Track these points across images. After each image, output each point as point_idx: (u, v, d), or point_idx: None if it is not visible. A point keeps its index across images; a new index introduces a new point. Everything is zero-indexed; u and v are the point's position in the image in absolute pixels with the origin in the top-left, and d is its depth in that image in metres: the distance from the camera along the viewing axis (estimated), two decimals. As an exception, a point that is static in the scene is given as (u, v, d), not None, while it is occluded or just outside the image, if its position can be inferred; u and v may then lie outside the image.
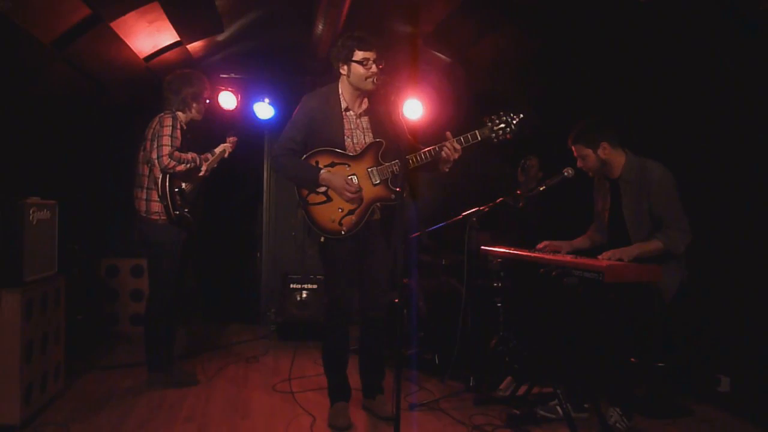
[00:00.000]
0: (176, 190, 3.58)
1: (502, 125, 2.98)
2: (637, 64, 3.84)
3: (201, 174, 3.71)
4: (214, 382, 3.91)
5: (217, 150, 3.90)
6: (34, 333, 3.15)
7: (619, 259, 3.06)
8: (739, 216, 3.49)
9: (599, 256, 3.18)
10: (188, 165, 3.57)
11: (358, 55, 3.02)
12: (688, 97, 3.70)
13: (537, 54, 4.35)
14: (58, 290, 3.47)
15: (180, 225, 3.61)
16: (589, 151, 3.31)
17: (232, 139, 4.02)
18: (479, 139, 2.99)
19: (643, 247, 3.14)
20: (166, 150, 3.46)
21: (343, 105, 3.15)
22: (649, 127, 3.91)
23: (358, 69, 3.04)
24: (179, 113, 3.70)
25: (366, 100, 3.20)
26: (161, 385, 3.68)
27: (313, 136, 3.13)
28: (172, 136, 3.50)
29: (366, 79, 3.04)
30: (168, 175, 3.52)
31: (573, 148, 3.39)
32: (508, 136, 2.99)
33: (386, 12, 4.49)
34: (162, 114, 3.60)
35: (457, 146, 2.97)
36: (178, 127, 3.58)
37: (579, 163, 3.40)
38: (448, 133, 3.00)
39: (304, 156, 3.13)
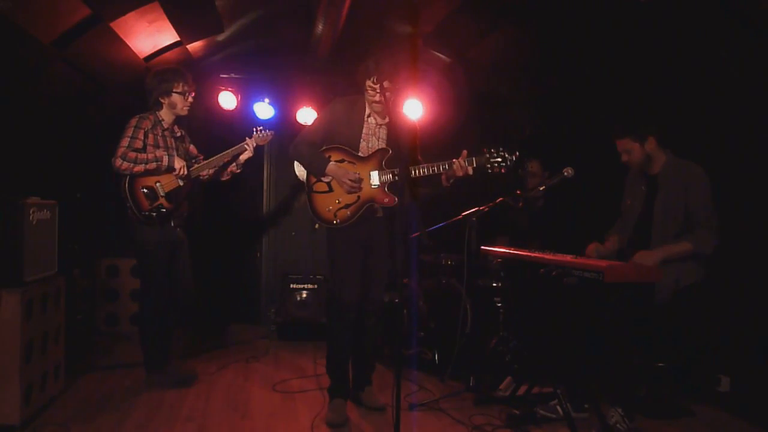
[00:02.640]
0: (144, 190, 3.56)
1: (499, 159, 3.16)
2: (637, 64, 3.84)
3: (176, 173, 3.64)
4: (214, 382, 3.91)
5: (221, 154, 3.83)
6: (34, 333, 3.15)
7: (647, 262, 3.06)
8: (739, 216, 3.48)
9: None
10: (148, 165, 3.54)
11: (368, 82, 3.25)
12: (687, 97, 3.70)
13: (537, 54, 4.35)
14: (58, 290, 3.47)
15: (150, 225, 3.59)
16: (636, 145, 3.32)
17: (268, 132, 3.89)
18: (474, 165, 3.17)
19: (671, 249, 3.13)
20: (119, 151, 3.47)
21: (367, 112, 3.37)
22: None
23: (368, 93, 3.29)
24: (159, 113, 3.70)
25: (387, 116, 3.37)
26: (161, 385, 3.68)
27: (333, 134, 3.36)
28: (131, 137, 3.52)
29: (372, 103, 3.30)
30: (127, 177, 3.52)
31: (618, 143, 3.39)
32: (502, 170, 3.17)
33: (386, 12, 4.48)
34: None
35: (469, 169, 3.16)
36: (144, 127, 3.57)
37: (624, 158, 3.40)
38: (465, 152, 3.17)
39: (321, 149, 3.36)
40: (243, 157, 3.89)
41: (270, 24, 4.86)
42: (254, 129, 3.90)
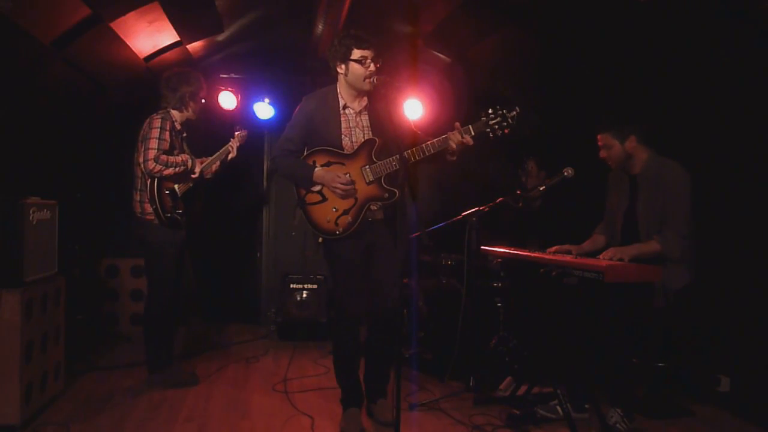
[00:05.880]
0: (167, 192, 3.59)
1: (498, 119, 2.94)
2: (637, 64, 3.84)
3: (195, 176, 3.71)
4: (214, 382, 3.91)
5: (218, 152, 3.92)
6: (34, 333, 3.15)
7: (620, 259, 3.06)
8: (739, 216, 3.49)
9: (599, 256, 3.18)
10: (177, 168, 3.57)
11: (356, 53, 3.00)
12: (688, 97, 3.70)
13: (537, 54, 4.35)
14: (58, 290, 3.47)
15: (171, 227, 3.61)
16: (616, 143, 3.32)
17: (242, 133, 4.02)
18: (473, 133, 2.95)
19: (642, 247, 3.14)
20: (152, 154, 3.46)
21: (342, 103, 3.12)
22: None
23: (356, 68, 3.02)
24: (174, 112, 3.70)
25: (365, 98, 3.17)
26: (161, 385, 3.69)
27: (312, 136, 3.14)
28: (159, 139, 3.50)
29: (364, 79, 3.01)
30: (156, 179, 3.52)
31: (599, 137, 3.38)
32: (505, 131, 2.95)
33: (386, 12, 4.49)
34: (152, 115, 3.60)
35: (467, 137, 2.93)
36: (168, 128, 3.57)
37: (602, 153, 3.39)
38: (457, 124, 2.97)
39: (303, 156, 3.15)
40: (229, 157, 3.97)
41: (270, 24, 4.86)
42: (234, 132, 4.02)
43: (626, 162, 3.34)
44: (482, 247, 3.75)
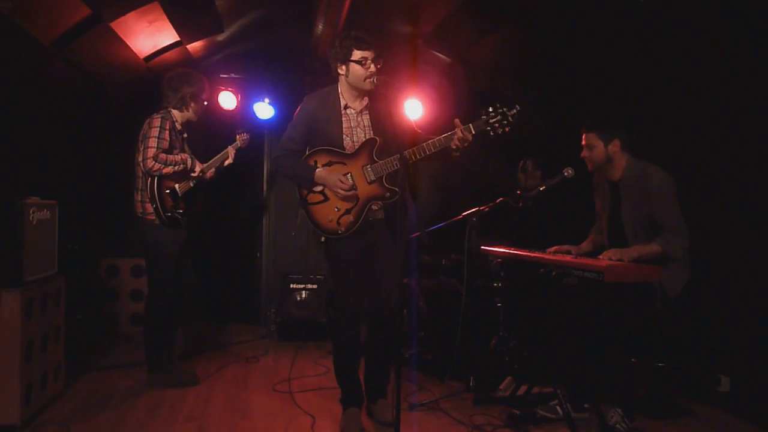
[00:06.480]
0: (167, 191, 3.59)
1: (498, 117, 2.91)
2: (637, 65, 3.84)
3: (195, 174, 3.72)
4: (214, 382, 3.91)
5: (217, 156, 3.93)
6: (34, 333, 3.15)
7: (619, 260, 3.06)
8: (739, 216, 3.49)
9: (600, 256, 3.18)
10: (176, 167, 3.57)
11: (356, 54, 3.01)
12: (688, 97, 3.70)
13: (537, 54, 4.35)
14: (58, 290, 3.47)
15: (172, 226, 3.61)
16: (601, 144, 3.30)
17: (244, 136, 4.04)
18: (473, 132, 2.93)
19: (643, 249, 3.14)
20: (151, 152, 3.46)
21: (343, 103, 3.14)
22: (649, 127, 3.91)
23: (356, 69, 3.03)
24: (175, 111, 3.70)
25: (366, 98, 3.17)
26: (161, 385, 3.69)
27: (314, 136, 3.15)
28: (158, 138, 3.50)
29: (365, 79, 3.02)
30: (156, 178, 3.52)
31: (584, 136, 3.37)
32: (506, 129, 2.93)
33: (386, 12, 4.49)
34: (153, 114, 3.60)
35: (467, 134, 2.91)
36: (168, 127, 3.57)
37: (584, 153, 3.37)
38: (457, 120, 2.95)
39: (305, 156, 3.15)
40: (226, 163, 3.97)
41: (270, 24, 4.86)
42: (236, 135, 4.05)
43: (606, 165, 3.33)
44: (482, 247, 3.76)
